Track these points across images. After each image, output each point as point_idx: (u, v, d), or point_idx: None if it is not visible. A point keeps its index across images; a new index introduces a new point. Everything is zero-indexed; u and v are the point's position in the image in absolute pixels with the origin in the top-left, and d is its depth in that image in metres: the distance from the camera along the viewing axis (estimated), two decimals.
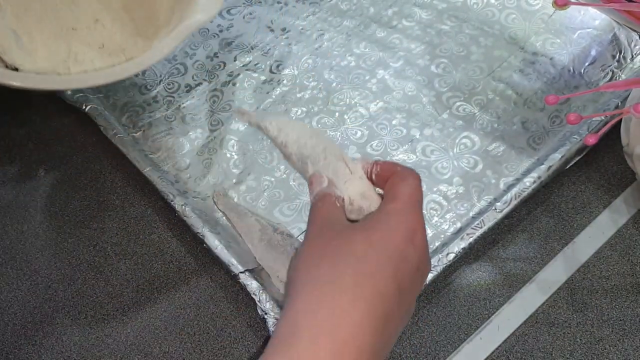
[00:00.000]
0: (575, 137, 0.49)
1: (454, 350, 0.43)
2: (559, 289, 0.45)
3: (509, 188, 0.48)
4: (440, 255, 0.44)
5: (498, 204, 0.46)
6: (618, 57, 0.55)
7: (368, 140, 0.52)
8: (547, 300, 0.45)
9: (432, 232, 0.47)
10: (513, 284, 0.46)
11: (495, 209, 0.46)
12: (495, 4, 0.60)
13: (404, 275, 0.30)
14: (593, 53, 0.56)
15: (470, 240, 0.45)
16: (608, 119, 0.49)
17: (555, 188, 0.50)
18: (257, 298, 0.43)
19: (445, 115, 0.53)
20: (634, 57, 0.55)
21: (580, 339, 0.43)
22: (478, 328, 0.44)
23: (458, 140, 0.52)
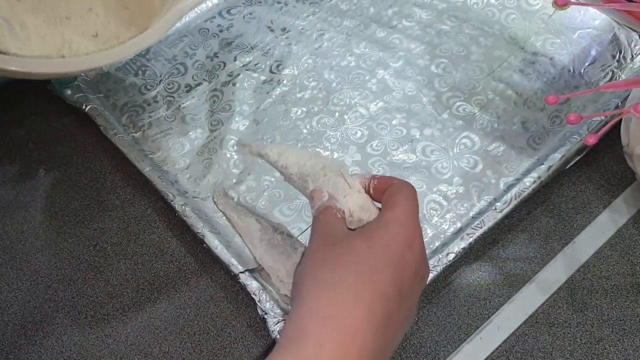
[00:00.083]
0: (575, 137, 0.49)
1: (454, 350, 0.43)
2: (559, 289, 0.45)
3: (509, 188, 0.48)
4: (440, 255, 0.44)
5: (498, 204, 0.46)
6: (618, 57, 0.55)
7: (368, 140, 0.52)
8: (547, 300, 0.45)
9: (432, 232, 0.47)
10: (513, 284, 0.46)
11: (495, 209, 0.46)
12: (495, 4, 0.60)
13: (404, 280, 0.31)
14: (593, 53, 0.56)
15: (470, 240, 0.45)
16: (608, 119, 0.49)
17: (555, 188, 0.50)
18: (257, 298, 0.43)
19: (445, 115, 0.53)
20: (634, 57, 0.55)
21: (580, 339, 0.43)
22: (478, 328, 0.44)
23: (458, 140, 0.52)
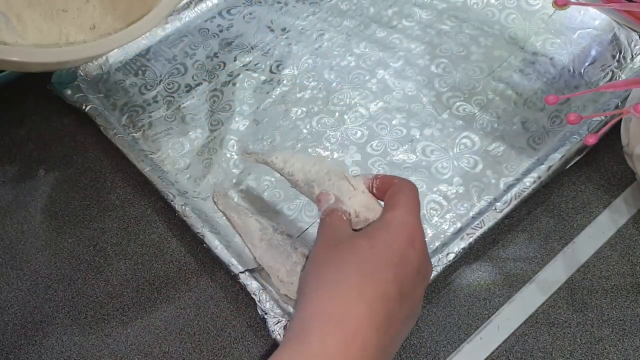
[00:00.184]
0: (575, 137, 0.49)
1: (454, 350, 0.43)
2: (559, 289, 0.45)
3: (509, 188, 0.48)
4: (440, 255, 0.44)
5: (498, 204, 0.46)
6: (618, 57, 0.55)
7: (368, 140, 0.52)
8: (547, 300, 0.45)
9: (432, 232, 0.47)
10: (513, 284, 0.46)
11: (495, 209, 0.46)
12: (495, 4, 0.60)
13: (405, 278, 0.32)
14: (593, 53, 0.56)
15: (470, 240, 0.45)
16: (608, 119, 0.49)
17: (555, 188, 0.50)
18: (257, 298, 0.43)
19: (445, 115, 0.53)
20: (634, 57, 0.55)
21: (580, 339, 0.43)
22: (478, 328, 0.44)
23: (458, 140, 0.52)
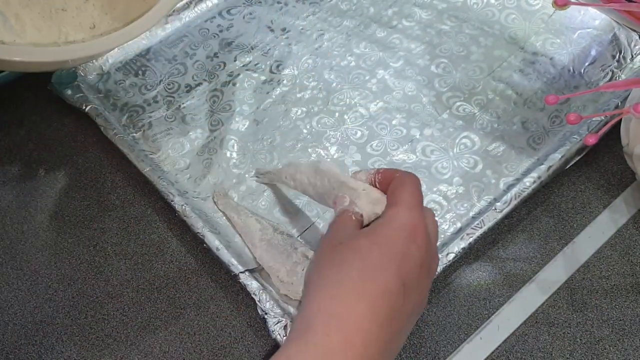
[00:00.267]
0: (575, 137, 0.49)
1: (454, 350, 0.43)
2: (559, 289, 0.45)
3: (509, 188, 0.48)
4: (440, 255, 0.44)
5: (498, 204, 0.46)
6: (618, 57, 0.55)
7: (368, 140, 0.52)
8: (547, 300, 0.45)
9: None
10: (513, 284, 0.46)
11: (495, 209, 0.46)
12: (495, 4, 0.60)
13: (409, 272, 0.32)
14: (593, 53, 0.56)
15: (470, 240, 0.45)
16: (608, 119, 0.49)
17: (555, 188, 0.50)
18: (257, 298, 0.43)
19: (445, 115, 0.53)
20: (634, 57, 0.55)
21: (580, 339, 0.43)
22: (478, 328, 0.44)
23: (458, 140, 0.52)
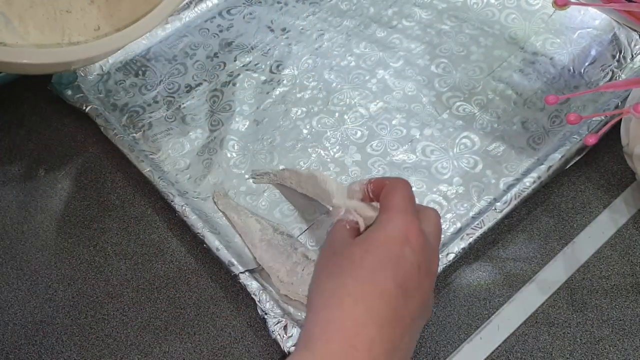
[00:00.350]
0: (575, 137, 0.49)
1: (454, 350, 0.43)
2: (559, 289, 0.45)
3: (509, 188, 0.48)
4: (440, 255, 0.44)
5: (498, 204, 0.46)
6: (618, 57, 0.55)
7: (368, 140, 0.52)
8: (547, 300, 0.45)
9: None
10: (513, 284, 0.46)
11: (495, 209, 0.46)
12: (495, 4, 0.60)
13: (406, 275, 0.32)
14: (593, 53, 0.56)
15: (470, 240, 0.45)
16: (608, 119, 0.49)
17: (555, 188, 0.50)
18: (257, 298, 0.43)
19: (445, 115, 0.53)
20: (634, 57, 0.55)
21: (580, 339, 0.43)
22: (478, 328, 0.44)
23: (458, 140, 0.52)
